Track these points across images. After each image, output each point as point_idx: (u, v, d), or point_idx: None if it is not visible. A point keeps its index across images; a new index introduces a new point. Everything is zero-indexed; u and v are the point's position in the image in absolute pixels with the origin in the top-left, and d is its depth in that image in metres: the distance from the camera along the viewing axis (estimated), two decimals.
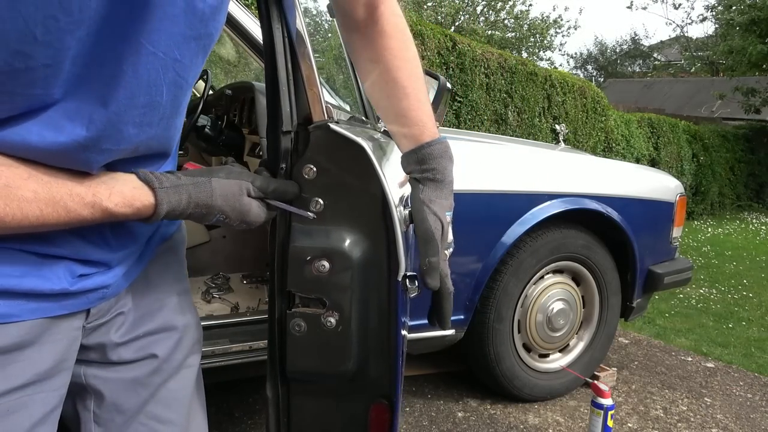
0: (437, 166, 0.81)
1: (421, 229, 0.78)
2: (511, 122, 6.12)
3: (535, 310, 2.33)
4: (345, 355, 0.83)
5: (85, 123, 0.53)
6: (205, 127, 2.19)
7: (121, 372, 0.72)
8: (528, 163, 2.37)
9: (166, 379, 0.75)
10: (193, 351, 0.80)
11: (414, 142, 0.82)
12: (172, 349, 0.76)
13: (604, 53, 29.33)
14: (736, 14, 11.34)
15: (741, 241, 7.20)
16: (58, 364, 0.63)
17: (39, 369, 0.60)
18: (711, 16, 15.52)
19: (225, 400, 2.30)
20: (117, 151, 0.58)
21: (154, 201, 0.61)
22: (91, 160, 0.56)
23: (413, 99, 0.82)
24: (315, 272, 0.80)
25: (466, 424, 2.23)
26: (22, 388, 0.59)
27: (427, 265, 0.77)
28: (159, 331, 0.75)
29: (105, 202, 0.57)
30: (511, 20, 17.36)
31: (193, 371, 0.80)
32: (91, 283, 0.64)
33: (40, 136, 0.52)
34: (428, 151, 0.80)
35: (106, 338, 0.70)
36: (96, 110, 0.54)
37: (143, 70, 0.55)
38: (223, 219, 0.68)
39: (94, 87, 0.53)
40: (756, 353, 3.23)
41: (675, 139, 8.55)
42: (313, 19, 2.84)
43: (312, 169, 0.80)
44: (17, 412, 0.58)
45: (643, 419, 2.37)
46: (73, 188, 0.55)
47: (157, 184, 0.61)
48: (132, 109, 0.56)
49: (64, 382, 0.65)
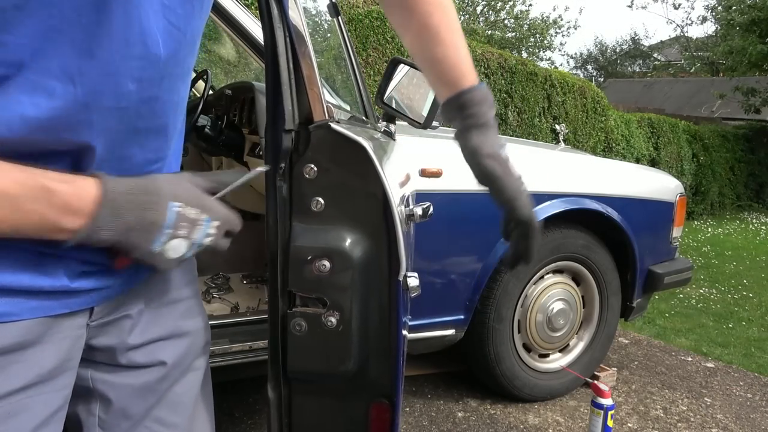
0: (478, 111, 0.78)
1: (482, 176, 0.77)
2: (511, 122, 6.12)
3: (535, 310, 2.33)
4: (346, 354, 0.83)
5: (74, 79, 0.51)
6: (205, 127, 2.19)
7: (130, 377, 0.70)
8: (528, 163, 2.37)
9: (173, 384, 0.74)
10: (201, 354, 0.79)
11: (452, 89, 0.79)
12: (181, 355, 0.75)
13: (604, 53, 29.32)
14: (736, 14, 11.34)
15: (741, 241, 7.20)
16: (61, 364, 0.61)
17: (41, 369, 0.59)
18: (711, 17, 15.54)
19: (225, 400, 2.30)
20: (120, 112, 0.55)
21: (98, 179, 0.55)
22: (95, 123, 0.53)
23: (449, 45, 0.80)
24: (315, 272, 0.80)
25: (466, 424, 2.23)
26: (23, 389, 0.57)
27: (509, 202, 0.76)
28: (169, 336, 0.73)
29: (40, 176, 0.51)
30: (511, 20, 17.37)
31: (199, 374, 0.78)
32: (93, 280, 0.62)
33: (34, 105, 0.49)
34: (468, 97, 0.78)
35: (115, 341, 0.68)
36: (83, 63, 0.51)
37: (126, 16, 0.52)
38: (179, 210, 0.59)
39: (75, 38, 0.50)
40: (756, 353, 3.23)
41: (675, 139, 8.55)
42: (313, 19, 2.84)
43: (312, 169, 0.80)
44: (18, 415, 0.57)
45: (643, 419, 2.37)
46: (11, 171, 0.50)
47: None
48: (127, 60, 0.53)
49: (69, 382, 0.63)
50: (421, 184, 1.93)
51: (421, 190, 1.92)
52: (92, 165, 0.56)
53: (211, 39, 3.57)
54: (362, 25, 4.96)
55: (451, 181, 2.00)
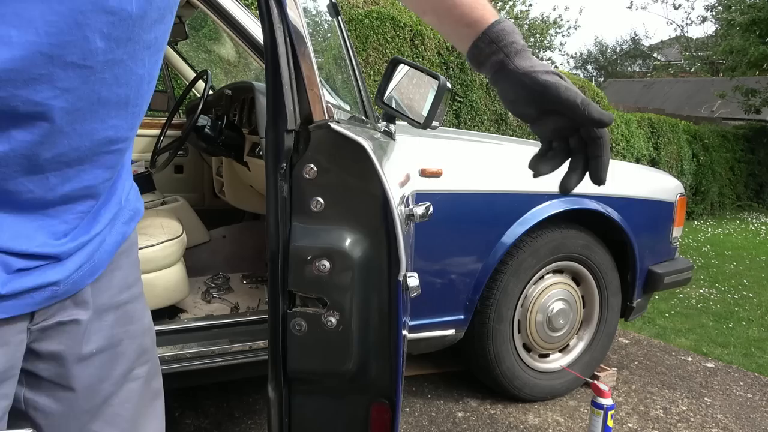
0: (516, 39, 0.71)
1: (545, 94, 0.68)
2: (511, 122, 6.12)
3: (535, 310, 2.33)
4: (346, 354, 0.83)
5: (34, 24, 0.45)
6: (205, 127, 2.19)
7: (69, 401, 0.63)
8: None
9: (107, 398, 0.67)
10: (140, 362, 0.71)
11: (478, 27, 0.72)
12: (121, 367, 0.68)
13: (604, 53, 29.33)
14: (736, 14, 11.34)
15: (741, 241, 7.19)
16: (2, 372, 0.54)
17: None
18: (711, 16, 15.53)
19: (225, 400, 2.30)
20: (85, 72, 0.49)
21: None
22: (57, 81, 0.47)
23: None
24: (316, 272, 0.80)
25: (466, 424, 2.23)
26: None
27: (583, 105, 0.67)
28: (107, 348, 0.66)
29: None
30: (511, 20, 17.35)
31: (139, 383, 0.71)
32: (34, 279, 0.53)
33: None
34: (500, 28, 0.71)
35: (63, 347, 0.60)
36: (48, 9, 0.45)
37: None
38: None
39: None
40: (756, 353, 3.23)
41: (675, 139, 8.55)
42: (313, 19, 2.84)
43: (312, 169, 0.80)
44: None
45: (643, 419, 2.37)
46: None
47: None
48: (98, 13, 0.48)
49: (8, 392, 0.56)
50: (421, 184, 1.93)
51: (421, 190, 1.93)
52: (49, 138, 0.50)
53: (211, 39, 3.57)
54: (362, 25, 4.96)
55: (451, 181, 2.00)
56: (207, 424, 2.14)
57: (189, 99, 2.90)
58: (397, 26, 5.16)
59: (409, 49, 5.28)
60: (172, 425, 2.12)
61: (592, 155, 0.71)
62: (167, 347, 1.75)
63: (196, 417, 2.17)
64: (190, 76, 3.07)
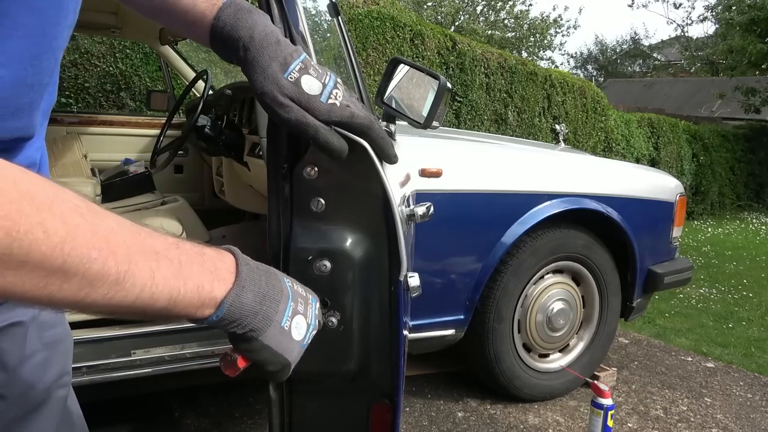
0: (253, 22, 0.63)
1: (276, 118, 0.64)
2: (511, 122, 6.13)
3: (535, 310, 2.33)
4: (346, 354, 0.83)
5: (21, 60, 0.44)
6: (205, 127, 2.19)
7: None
8: (528, 163, 2.37)
9: (30, 410, 0.61)
10: (67, 369, 0.66)
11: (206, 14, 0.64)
12: (52, 376, 0.63)
13: (604, 53, 29.32)
14: (736, 14, 11.34)
15: (741, 241, 7.20)
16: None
17: None
18: (711, 16, 15.54)
19: (225, 400, 2.30)
20: (51, 86, 0.49)
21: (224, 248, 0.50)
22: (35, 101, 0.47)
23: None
24: (316, 272, 0.80)
25: (466, 424, 2.23)
26: None
27: None
28: (39, 350, 0.61)
29: (181, 241, 0.45)
30: (511, 20, 17.36)
31: (67, 390, 0.67)
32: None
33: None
34: (232, 11, 0.63)
35: (7, 345, 0.56)
36: (29, 42, 0.44)
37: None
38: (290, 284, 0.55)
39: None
40: (756, 353, 3.23)
41: (675, 139, 8.55)
42: (313, 19, 2.84)
43: (314, 169, 0.80)
44: None
45: (643, 419, 2.37)
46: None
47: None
48: (63, 32, 0.48)
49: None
50: (421, 184, 1.93)
51: (421, 190, 1.92)
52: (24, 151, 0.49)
53: None
54: (362, 25, 4.96)
55: (451, 181, 2.00)
56: (207, 424, 2.14)
57: (189, 99, 2.89)
58: (397, 26, 5.16)
59: (409, 49, 5.28)
60: (172, 425, 2.12)
61: None
62: (167, 347, 1.75)
63: (196, 417, 2.17)
64: (190, 76, 3.07)
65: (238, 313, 0.48)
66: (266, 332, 0.51)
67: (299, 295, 0.56)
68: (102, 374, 1.68)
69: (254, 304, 0.49)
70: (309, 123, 0.64)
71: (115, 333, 1.73)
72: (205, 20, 0.64)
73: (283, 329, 0.52)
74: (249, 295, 0.49)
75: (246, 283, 0.49)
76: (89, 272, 0.37)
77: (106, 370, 1.69)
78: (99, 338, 1.70)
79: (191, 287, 0.44)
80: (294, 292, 0.55)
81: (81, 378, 1.63)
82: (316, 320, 0.59)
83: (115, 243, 0.39)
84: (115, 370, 1.70)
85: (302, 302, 0.56)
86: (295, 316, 0.54)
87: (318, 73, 0.65)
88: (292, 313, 0.53)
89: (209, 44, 0.66)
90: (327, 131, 0.66)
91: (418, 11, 14.47)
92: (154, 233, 0.43)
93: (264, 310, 0.50)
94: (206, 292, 0.46)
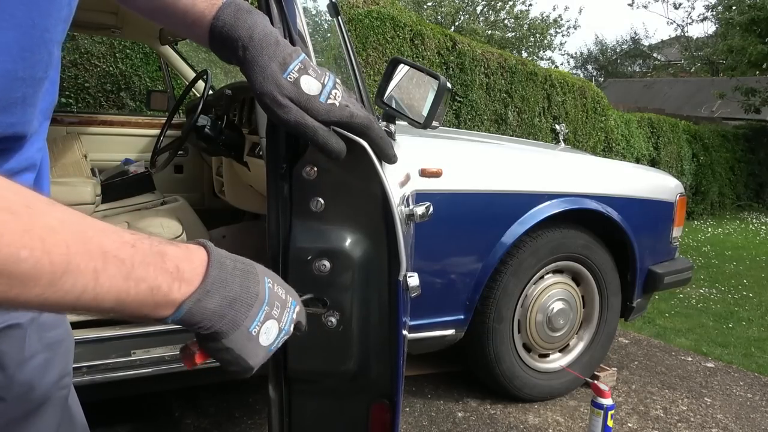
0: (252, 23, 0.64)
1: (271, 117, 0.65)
2: (511, 122, 6.13)
3: (535, 310, 2.33)
4: (346, 354, 0.83)
5: (10, 52, 0.44)
6: (205, 127, 2.19)
7: None
8: (528, 163, 2.37)
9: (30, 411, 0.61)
10: (67, 371, 0.66)
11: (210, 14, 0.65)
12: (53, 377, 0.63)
13: (604, 53, 29.31)
14: (736, 14, 11.35)
15: (741, 241, 7.19)
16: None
17: None
18: (711, 16, 15.54)
19: (225, 400, 2.30)
20: (45, 81, 0.49)
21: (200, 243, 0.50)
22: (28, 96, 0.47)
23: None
24: (316, 272, 0.80)
25: (466, 424, 2.23)
26: None
27: None
28: (39, 351, 0.61)
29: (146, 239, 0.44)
30: (511, 20, 17.36)
31: (66, 392, 0.66)
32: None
33: None
34: (232, 11, 0.64)
35: (6, 348, 0.56)
36: (18, 34, 0.44)
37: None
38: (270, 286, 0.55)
39: None
40: (756, 353, 3.23)
41: (675, 139, 8.55)
42: (313, 19, 2.84)
43: (313, 169, 0.80)
44: None
45: (643, 419, 2.37)
46: None
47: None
48: (56, 26, 0.48)
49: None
50: (421, 184, 1.93)
51: (421, 190, 1.92)
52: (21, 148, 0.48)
53: None
54: (362, 25, 4.96)
55: (451, 181, 2.00)
56: (207, 424, 2.14)
57: (189, 99, 2.89)
58: (397, 26, 5.17)
59: (409, 49, 5.28)
60: (172, 425, 2.12)
61: None
62: (167, 347, 1.75)
63: (196, 417, 2.17)
64: (190, 76, 3.07)
65: (200, 315, 0.47)
66: (231, 336, 0.50)
67: (277, 298, 0.55)
68: (102, 374, 1.68)
69: (220, 308, 0.49)
70: (308, 124, 0.65)
71: (115, 333, 1.73)
72: (205, 20, 0.65)
73: (250, 334, 0.52)
74: (215, 298, 0.48)
75: (213, 287, 0.48)
76: (17, 272, 0.36)
77: (106, 370, 1.69)
78: (99, 338, 1.70)
79: (143, 289, 0.43)
80: (272, 295, 0.54)
81: (81, 378, 1.63)
82: (291, 325, 0.57)
83: (52, 243, 0.37)
84: (115, 370, 1.70)
85: (279, 306, 0.55)
86: (267, 321, 0.53)
87: (317, 74, 0.66)
88: (264, 318, 0.52)
89: (208, 44, 0.66)
90: (326, 132, 0.66)
91: (418, 11, 14.47)
92: (110, 231, 0.42)
93: (232, 314, 0.50)
94: (162, 294, 0.44)
